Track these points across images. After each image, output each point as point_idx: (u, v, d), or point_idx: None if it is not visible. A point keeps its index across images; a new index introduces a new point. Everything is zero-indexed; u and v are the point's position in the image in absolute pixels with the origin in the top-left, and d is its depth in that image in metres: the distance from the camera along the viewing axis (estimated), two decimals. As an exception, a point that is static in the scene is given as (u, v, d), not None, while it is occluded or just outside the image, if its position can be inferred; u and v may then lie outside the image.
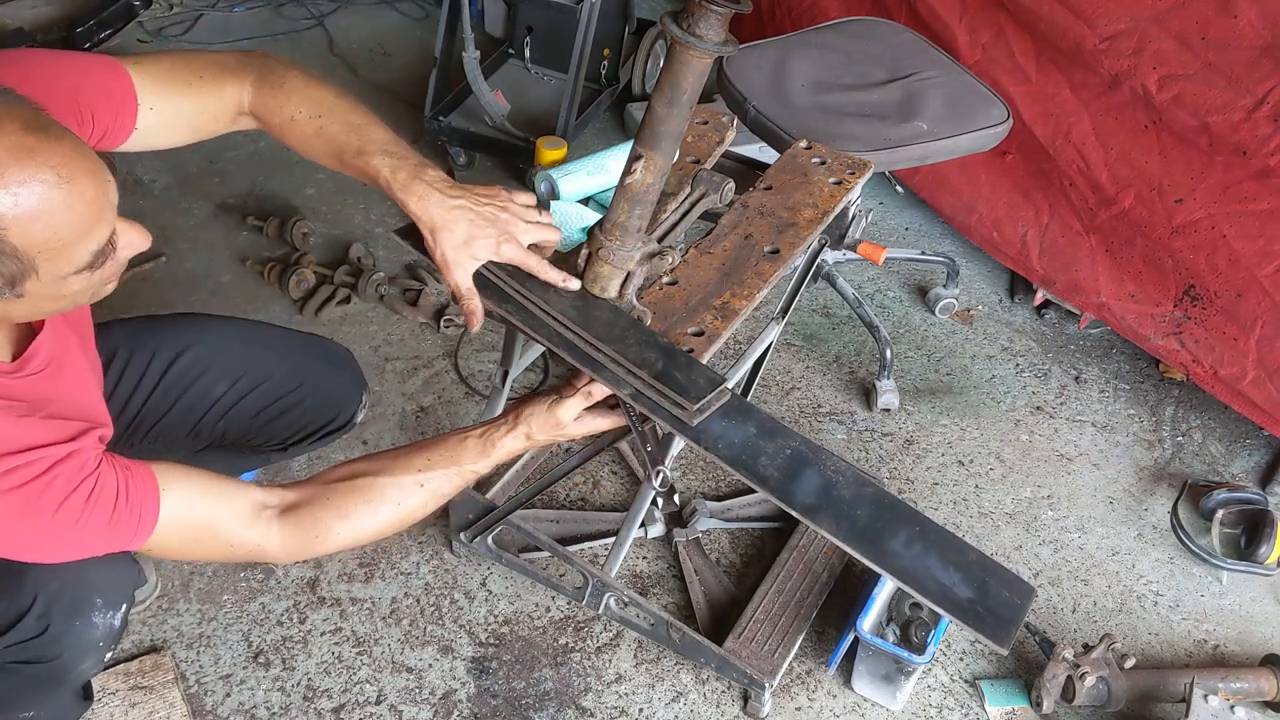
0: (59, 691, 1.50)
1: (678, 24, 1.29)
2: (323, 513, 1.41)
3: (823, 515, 1.45)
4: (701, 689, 1.92)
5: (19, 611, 1.36)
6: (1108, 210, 2.42)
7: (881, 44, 2.41)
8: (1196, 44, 2.17)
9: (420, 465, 1.45)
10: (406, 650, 1.93)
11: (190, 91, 1.40)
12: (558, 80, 3.12)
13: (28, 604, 1.36)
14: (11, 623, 1.36)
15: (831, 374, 2.55)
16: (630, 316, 1.51)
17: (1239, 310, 2.24)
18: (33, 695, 1.50)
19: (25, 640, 1.37)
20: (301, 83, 1.43)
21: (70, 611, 1.38)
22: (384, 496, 1.43)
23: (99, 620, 1.41)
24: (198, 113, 1.42)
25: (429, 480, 1.45)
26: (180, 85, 1.39)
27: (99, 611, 1.41)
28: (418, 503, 1.45)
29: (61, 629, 1.38)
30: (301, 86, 1.42)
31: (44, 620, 1.37)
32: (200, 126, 1.44)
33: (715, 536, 2.17)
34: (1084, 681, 1.86)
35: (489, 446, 1.47)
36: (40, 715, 1.52)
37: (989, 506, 2.30)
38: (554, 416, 1.46)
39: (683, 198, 1.67)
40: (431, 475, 1.45)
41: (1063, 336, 2.72)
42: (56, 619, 1.37)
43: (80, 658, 1.43)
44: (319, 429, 1.80)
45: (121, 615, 1.44)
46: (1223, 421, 2.52)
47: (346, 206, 2.82)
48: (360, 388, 1.83)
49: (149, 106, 1.36)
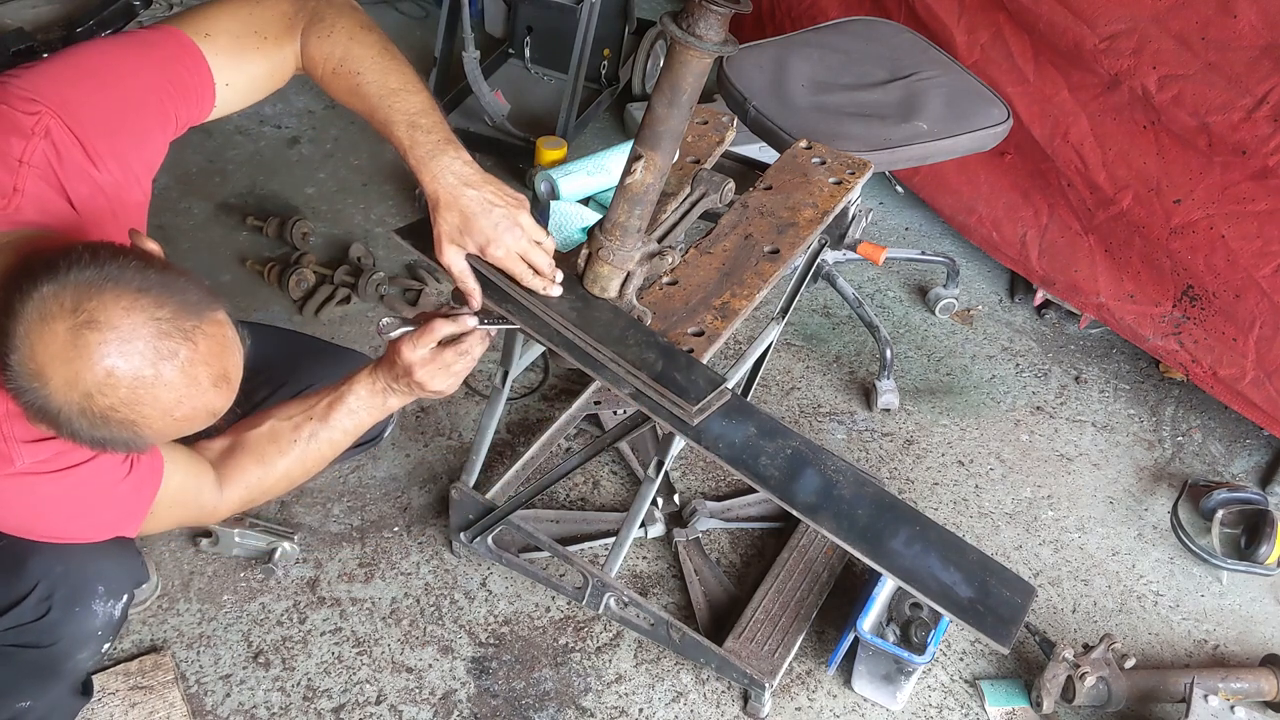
0: (55, 682, 1.50)
1: (678, 24, 1.29)
2: (244, 459, 1.48)
3: (824, 515, 1.46)
4: (701, 689, 1.92)
5: (20, 594, 1.37)
6: (1106, 211, 2.42)
7: (881, 44, 2.41)
8: (1196, 44, 2.17)
9: (311, 400, 1.51)
10: (406, 650, 1.93)
11: (258, 55, 1.38)
12: (558, 80, 3.12)
13: (30, 586, 1.36)
14: (12, 604, 1.37)
15: (831, 374, 2.55)
16: (630, 316, 1.51)
17: (1237, 311, 2.24)
18: (29, 683, 1.50)
19: (24, 624, 1.38)
20: (346, 35, 1.40)
21: (71, 597, 1.39)
22: (291, 435, 1.49)
23: (99, 609, 1.42)
24: (266, 76, 1.41)
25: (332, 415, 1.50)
26: (249, 50, 1.37)
27: (100, 600, 1.42)
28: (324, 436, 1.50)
29: (61, 614, 1.39)
30: (346, 39, 1.40)
31: (45, 604, 1.37)
32: (266, 88, 1.43)
33: (715, 536, 2.17)
34: (1084, 681, 1.86)
35: (377, 376, 1.50)
36: (37, 707, 1.52)
37: (989, 506, 2.30)
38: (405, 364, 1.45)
39: (683, 198, 1.67)
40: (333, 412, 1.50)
41: (1063, 336, 2.72)
42: (58, 603, 1.38)
43: (77, 646, 1.44)
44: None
45: (121, 606, 1.45)
46: (1223, 421, 2.52)
47: (346, 206, 2.82)
48: None
49: (225, 83, 1.36)
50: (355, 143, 2.99)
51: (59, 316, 1.03)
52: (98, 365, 1.04)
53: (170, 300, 1.08)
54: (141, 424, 1.09)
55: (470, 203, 1.38)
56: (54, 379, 1.04)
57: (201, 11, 1.36)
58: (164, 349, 1.07)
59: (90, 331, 1.04)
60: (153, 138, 1.32)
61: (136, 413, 1.08)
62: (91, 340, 1.04)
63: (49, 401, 1.06)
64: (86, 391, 1.05)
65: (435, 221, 1.41)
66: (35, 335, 1.04)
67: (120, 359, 1.05)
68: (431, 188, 1.39)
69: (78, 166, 1.23)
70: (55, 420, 1.08)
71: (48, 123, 1.21)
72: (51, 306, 1.04)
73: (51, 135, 1.21)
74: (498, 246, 1.41)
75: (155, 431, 1.12)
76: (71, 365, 1.04)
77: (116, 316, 1.05)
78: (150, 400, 1.08)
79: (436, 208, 1.40)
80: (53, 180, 1.21)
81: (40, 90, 1.23)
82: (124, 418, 1.08)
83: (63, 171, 1.22)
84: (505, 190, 1.42)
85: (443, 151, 1.38)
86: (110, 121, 1.26)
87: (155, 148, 1.33)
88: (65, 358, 1.04)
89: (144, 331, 1.06)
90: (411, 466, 2.22)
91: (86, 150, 1.24)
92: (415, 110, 1.39)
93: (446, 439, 2.29)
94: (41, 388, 1.05)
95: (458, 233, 1.41)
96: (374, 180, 2.90)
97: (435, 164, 1.37)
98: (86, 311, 1.04)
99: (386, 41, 1.43)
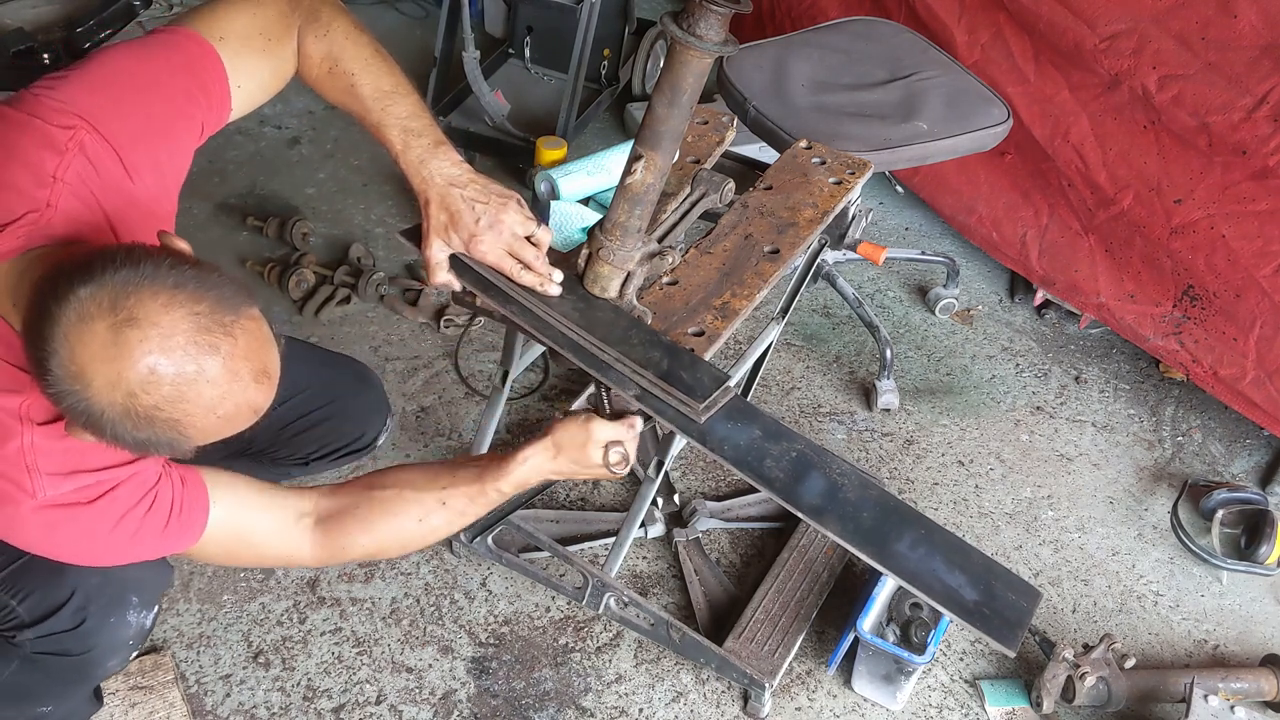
0: (79, 687, 1.52)
1: (678, 24, 1.29)
2: (350, 523, 1.44)
3: (829, 517, 1.46)
4: (701, 689, 1.92)
5: (57, 603, 1.37)
6: (1106, 211, 2.42)
7: (881, 44, 2.41)
8: (1196, 44, 2.17)
9: (445, 483, 1.46)
10: (406, 650, 1.93)
11: (265, 57, 1.38)
12: (558, 80, 3.12)
13: (66, 596, 1.37)
14: (48, 613, 1.38)
15: (831, 374, 2.55)
16: (632, 316, 1.51)
17: (1238, 310, 2.24)
18: (53, 689, 1.51)
19: (59, 632, 1.39)
20: (342, 35, 1.41)
21: (108, 608, 1.40)
22: (407, 512, 1.45)
23: (133, 619, 1.43)
24: (272, 77, 1.41)
25: (451, 498, 1.46)
26: (256, 52, 1.37)
27: (134, 610, 1.43)
28: (440, 521, 1.47)
29: (97, 624, 1.40)
30: (341, 39, 1.41)
31: (81, 614, 1.38)
32: (271, 90, 1.43)
33: (715, 536, 2.17)
34: (1084, 682, 1.86)
35: (510, 461, 1.47)
36: (56, 712, 1.54)
37: (989, 506, 2.30)
38: (587, 430, 1.45)
39: (683, 198, 1.67)
40: (454, 493, 1.46)
41: (1063, 336, 2.72)
42: (94, 614, 1.39)
43: (109, 654, 1.45)
44: (342, 447, 1.81)
45: (153, 615, 1.47)
46: (1223, 421, 2.52)
47: (346, 206, 2.82)
48: (384, 412, 1.84)
49: (237, 85, 1.36)
50: (355, 143, 2.99)
51: (98, 316, 1.02)
52: (140, 363, 1.03)
53: (207, 296, 1.07)
54: (185, 422, 1.08)
55: (456, 201, 1.41)
56: (96, 379, 1.03)
57: (210, 13, 1.36)
58: (205, 344, 1.06)
59: (131, 329, 1.02)
60: (184, 145, 1.32)
61: (180, 411, 1.07)
62: (132, 338, 1.02)
63: (92, 404, 1.04)
64: (130, 390, 1.03)
65: (424, 219, 1.45)
66: (75, 337, 1.02)
67: (162, 355, 1.03)
68: (422, 189, 1.42)
69: (114, 180, 1.22)
70: (99, 423, 1.06)
71: (82, 137, 1.20)
72: (90, 307, 1.02)
73: (86, 150, 1.20)
74: (482, 242, 1.43)
75: (199, 430, 1.10)
76: (114, 364, 1.02)
77: (156, 313, 1.03)
78: (194, 397, 1.06)
79: (427, 206, 1.43)
80: (86, 196, 1.20)
81: (75, 102, 1.21)
82: (168, 416, 1.06)
83: (98, 186, 1.21)
84: (493, 188, 1.44)
85: (434, 155, 1.41)
86: (147, 131, 1.25)
87: (185, 155, 1.33)
88: (106, 357, 1.02)
89: (184, 327, 1.04)
90: (411, 466, 2.22)
91: (124, 162, 1.23)
92: (407, 114, 1.41)
93: (446, 439, 2.29)
94: (84, 390, 1.03)
95: (444, 230, 1.43)
96: (374, 181, 2.90)
97: (427, 168, 1.41)
98: (125, 310, 1.02)
99: (377, 44, 1.45)
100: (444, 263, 1.47)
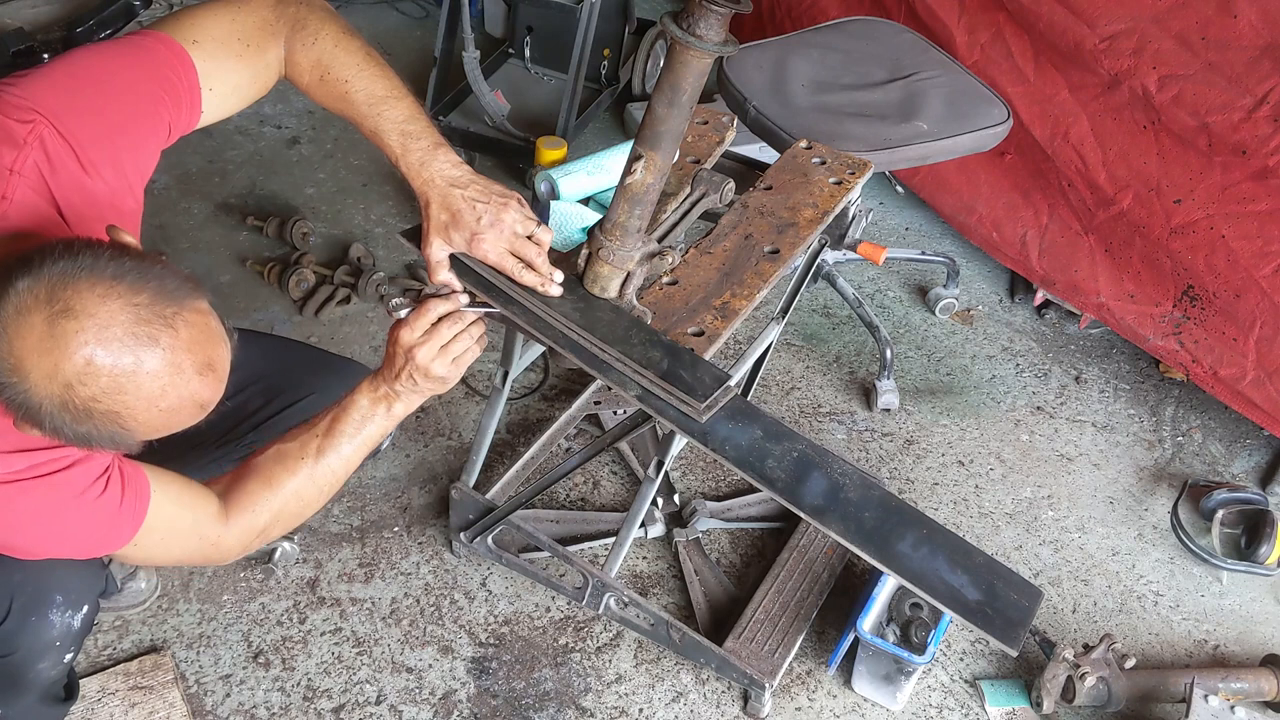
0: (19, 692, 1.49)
1: (678, 24, 1.29)
2: (249, 483, 1.46)
3: (831, 517, 1.46)
4: (701, 689, 1.92)
5: None
6: (1106, 211, 2.42)
7: (882, 44, 2.41)
8: (1196, 44, 2.17)
9: (325, 421, 1.49)
10: (406, 650, 1.93)
11: (241, 63, 1.38)
12: (558, 80, 3.12)
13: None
14: None
15: (831, 374, 2.55)
16: (632, 316, 1.51)
17: (1238, 311, 2.24)
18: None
19: None
20: (331, 42, 1.41)
21: (29, 606, 1.38)
22: (292, 454, 1.47)
23: (56, 619, 1.41)
24: (249, 83, 1.41)
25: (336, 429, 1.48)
26: (233, 58, 1.37)
27: (57, 609, 1.41)
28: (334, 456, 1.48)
29: (18, 624, 1.38)
30: (331, 46, 1.41)
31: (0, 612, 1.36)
32: (249, 96, 1.43)
33: (715, 536, 2.17)
34: (1084, 682, 1.86)
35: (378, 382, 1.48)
36: (8, 715, 1.51)
37: (989, 506, 2.30)
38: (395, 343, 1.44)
39: (683, 198, 1.67)
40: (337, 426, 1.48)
41: (1063, 336, 2.72)
42: (14, 612, 1.37)
43: (36, 656, 1.43)
44: None
45: (81, 618, 1.44)
46: (1223, 421, 2.52)
47: (346, 206, 2.82)
48: None
49: (209, 88, 1.36)
50: (355, 143, 2.99)
51: (35, 309, 1.03)
52: (76, 354, 1.03)
53: (147, 287, 1.07)
54: (126, 415, 1.08)
55: (457, 201, 1.42)
56: (33, 372, 1.03)
57: (187, 17, 1.36)
58: (143, 335, 1.06)
59: (67, 320, 1.03)
60: (148, 145, 1.32)
61: (119, 403, 1.07)
62: (69, 329, 1.03)
63: (30, 396, 1.05)
64: (66, 382, 1.04)
65: (425, 219, 1.45)
66: (13, 329, 1.03)
67: (99, 346, 1.04)
68: (423, 190, 1.42)
69: (71, 175, 1.23)
70: (38, 416, 1.06)
71: (41, 131, 1.20)
72: (27, 300, 1.03)
73: (45, 144, 1.20)
74: (483, 241, 1.43)
75: (141, 424, 1.10)
76: (50, 356, 1.03)
77: (93, 304, 1.03)
78: (133, 389, 1.06)
79: (428, 207, 1.44)
80: (43, 189, 1.20)
81: (36, 98, 1.22)
82: (106, 409, 1.06)
83: (54, 181, 1.21)
84: (493, 188, 1.44)
85: (433, 157, 1.41)
86: (107, 129, 1.26)
87: (149, 155, 1.33)
88: (43, 349, 1.03)
89: (122, 318, 1.05)
90: (411, 467, 2.22)
91: (80, 159, 1.23)
92: (404, 117, 1.41)
93: (446, 439, 2.29)
94: (21, 382, 1.04)
95: (445, 230, 1.44)
96: (374, 180, 2.90)
97: (427, 170, 1.41)
98: (62, 301, 1.03)
99: (368, 47, 1.45)
100: (445, 262, 1.48)
